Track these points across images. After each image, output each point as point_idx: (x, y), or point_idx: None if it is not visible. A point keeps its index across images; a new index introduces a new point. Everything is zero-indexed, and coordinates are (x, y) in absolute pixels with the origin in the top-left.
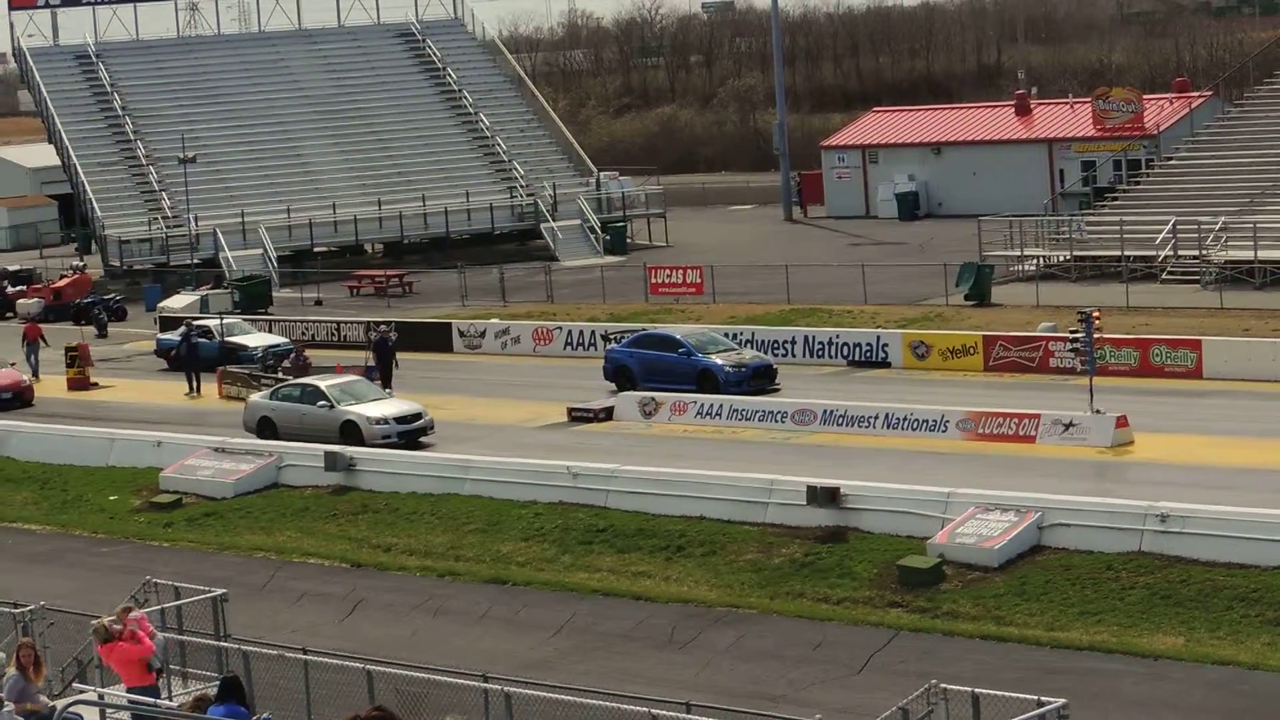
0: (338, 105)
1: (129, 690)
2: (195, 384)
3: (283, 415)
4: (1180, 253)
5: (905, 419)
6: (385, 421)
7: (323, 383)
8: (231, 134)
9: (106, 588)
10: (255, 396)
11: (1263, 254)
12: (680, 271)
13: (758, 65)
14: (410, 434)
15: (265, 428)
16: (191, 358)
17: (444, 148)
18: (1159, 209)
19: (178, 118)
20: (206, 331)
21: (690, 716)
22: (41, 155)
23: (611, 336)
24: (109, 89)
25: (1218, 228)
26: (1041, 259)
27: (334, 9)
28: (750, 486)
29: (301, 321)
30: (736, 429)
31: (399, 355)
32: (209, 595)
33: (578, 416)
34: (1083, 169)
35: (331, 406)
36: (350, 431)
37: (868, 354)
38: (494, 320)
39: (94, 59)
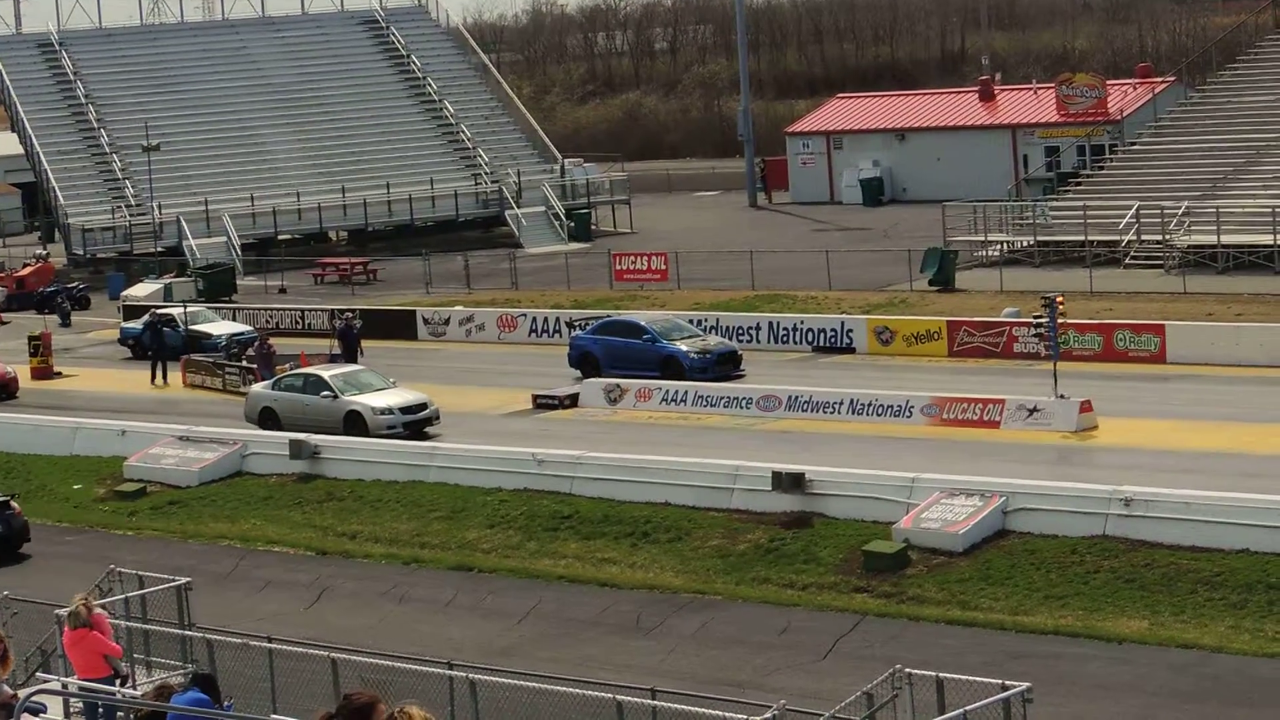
0: (301, 93)
1: (86, 681)
2: (162, 373)
3: (285, 406)
4: (1143, 238)
5: (870, 404)
6: (390, 411)
7: (326, 372)
8: (195, 122)
9: (70, 577)
10: (257, 387)
11: (1225, 238)
12: (645, 258)
13: (722, 52)
14: (415, 424)
15: (267, 418)
16: (158, 346)
17: (408, 135)
18: (1122, 194)
19: (141, 106)
20: (170, 320)
21: (655, 703)
22: (4, 144)
23: (576, 323)
24: (72, 77)
25: (1181, 212)
26: (1005, 244)
27: None
28: (715, 472)
29: (266, 309)
30: (701, 415)
31: (364, 343)
32: (173, 584)
33: (543, 403)
34: (1046, 154)
35: (335, 397)
36: (354, 422)
37: (832, 340)
38: (458, 307)
39: (57, 47)
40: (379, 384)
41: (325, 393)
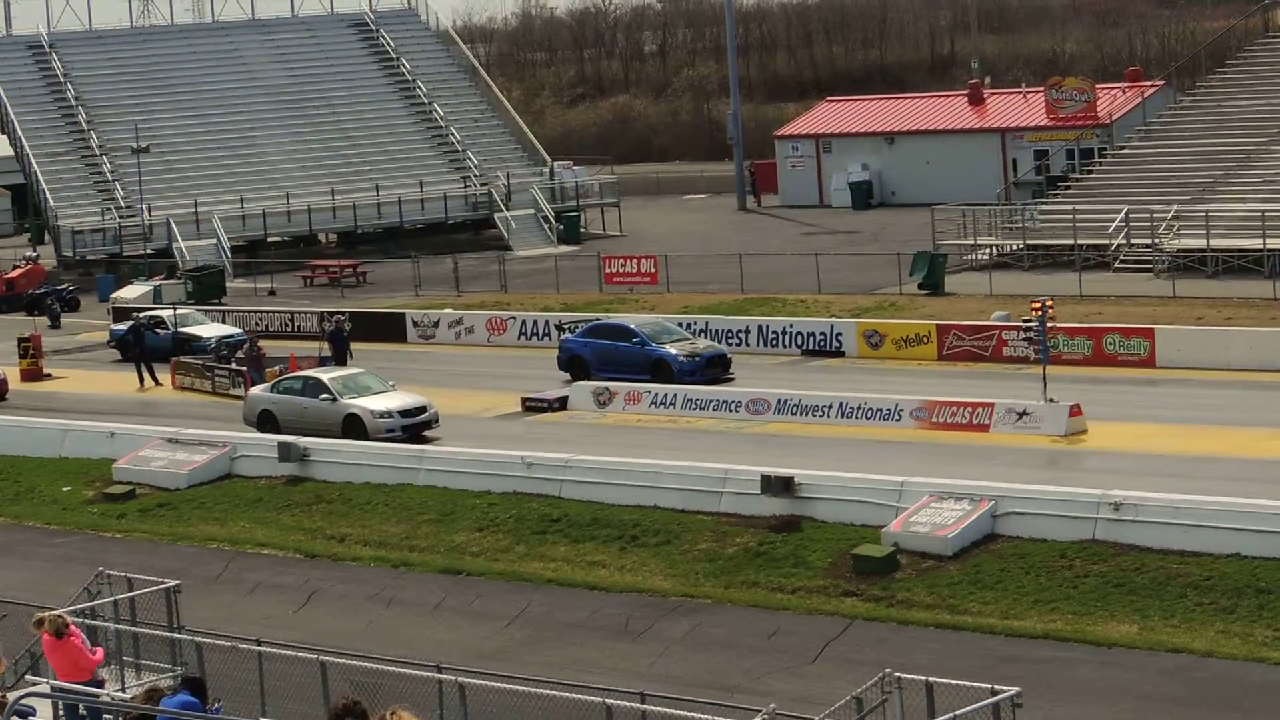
0: (291, 95)
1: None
2: (150, 374)
3: (284, 408)
4: (1133, 241)
5: (859, 408)
6: (389, 415)
7: (325, 375)
8: (185, 124)
9: (59, 579)
10: (256, 390)
11: (1215, 242)
12: (634, 261)
13: (712, 55)
14: (414, 427)
15: (266, 421)
16: (140, 348)
17: (398, 138)
18: (1112, 198)
19: (131, 108)
20: (160, 322)
21: (645, 706)
22: None
23: (565, 326)
24: (62, 79)
25: (1170, 216)
26: (995, 248)
27: None
28: (704, 476)
29: (255, 312)
30: (691, 418)
31: (353, 345)
32: (162, 586)
33: (532, 406)
34: (1035, 158)
35: (334, 400)
36: (353, 425)
37: (822, 343)
38: (448, 310)
39: (47, 49)
40: (378, 387)
41: (324, 396)
